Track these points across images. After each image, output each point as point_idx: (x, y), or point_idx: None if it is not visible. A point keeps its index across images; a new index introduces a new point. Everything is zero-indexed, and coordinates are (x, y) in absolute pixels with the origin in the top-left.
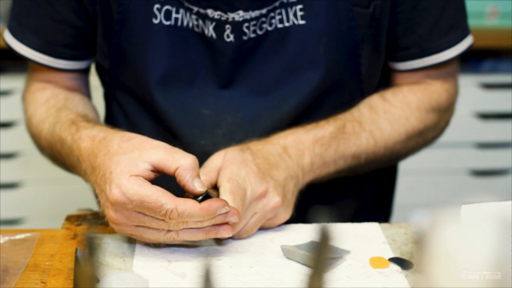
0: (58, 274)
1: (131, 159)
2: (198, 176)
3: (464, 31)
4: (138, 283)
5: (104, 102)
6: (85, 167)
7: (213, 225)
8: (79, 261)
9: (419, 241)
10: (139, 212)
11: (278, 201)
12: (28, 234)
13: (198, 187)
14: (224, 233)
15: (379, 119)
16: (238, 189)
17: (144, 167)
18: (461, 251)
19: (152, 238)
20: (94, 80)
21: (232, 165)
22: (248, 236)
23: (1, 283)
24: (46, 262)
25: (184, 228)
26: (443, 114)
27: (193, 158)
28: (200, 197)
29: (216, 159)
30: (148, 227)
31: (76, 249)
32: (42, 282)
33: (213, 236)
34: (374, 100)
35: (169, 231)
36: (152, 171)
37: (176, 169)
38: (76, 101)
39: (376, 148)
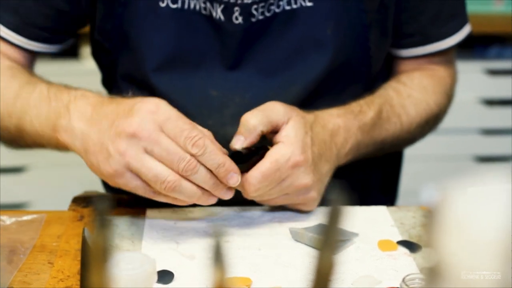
0: (65, 255)
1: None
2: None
3: (463, 20)
4: (145, 263)
5: (103, 88)
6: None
7: (213, 189)
8: (86, 241)
9: (429, 213)
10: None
11: (313, 196)
12: (34, 216)
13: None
14: (226, 195)
15: (405, 102)
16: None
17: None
18: (474, 220)
19: (155, 180)
20: (91, 65)
21: (292, 145)
22: (264, 204)
23: (8, 263)
24: (53, 243)
25: (189, 180)
26: (450, 99)
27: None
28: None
29: (280, 119)
30: (159, 161)
31: (84, 229)
32: (49, 263)
33: (211, 201)
34: (394, 84)
35: (173, 179)
36: None
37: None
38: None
39: (401, 132)
